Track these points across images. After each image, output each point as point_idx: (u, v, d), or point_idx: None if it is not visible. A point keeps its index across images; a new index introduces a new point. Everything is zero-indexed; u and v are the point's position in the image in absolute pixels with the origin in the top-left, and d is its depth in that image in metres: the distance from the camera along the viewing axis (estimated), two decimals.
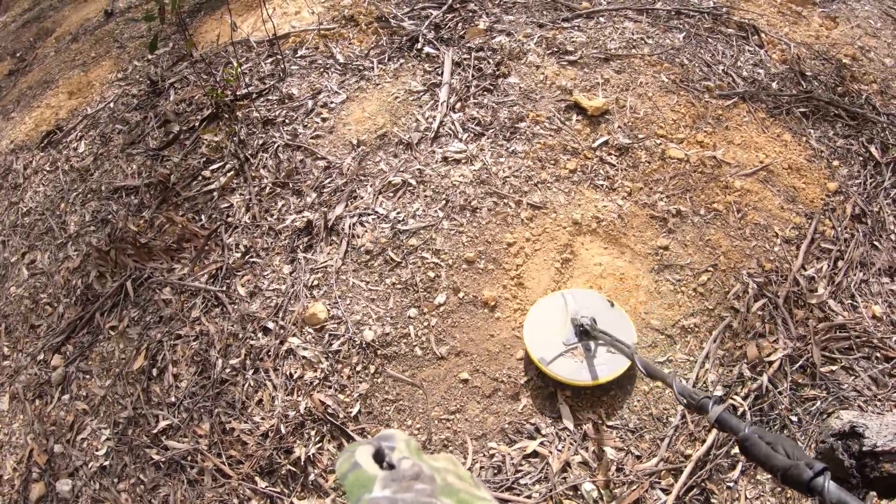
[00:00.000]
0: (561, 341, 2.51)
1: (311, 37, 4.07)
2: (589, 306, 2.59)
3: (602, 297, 2.67)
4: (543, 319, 2.60)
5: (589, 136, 3.22)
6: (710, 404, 1.61)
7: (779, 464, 1.34)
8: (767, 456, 1.38)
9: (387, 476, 0.83)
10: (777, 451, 1.37)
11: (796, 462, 1.30)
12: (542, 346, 2.51)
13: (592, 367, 2.45)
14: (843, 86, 3.68)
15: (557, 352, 2.49)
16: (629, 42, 3.71)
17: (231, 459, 2.52)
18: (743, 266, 2.83)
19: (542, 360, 2.46)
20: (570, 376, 2.43)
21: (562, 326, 2.55)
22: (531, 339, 2.54)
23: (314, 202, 3.13)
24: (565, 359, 2.47)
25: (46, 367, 3.11)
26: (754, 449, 1.42)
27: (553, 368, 2.45)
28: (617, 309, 2.62)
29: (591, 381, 2.43)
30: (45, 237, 3.69)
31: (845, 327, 2.68)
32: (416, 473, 0.83)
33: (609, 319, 2.53)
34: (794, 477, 1.28)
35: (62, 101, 4.64)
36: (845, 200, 3.11)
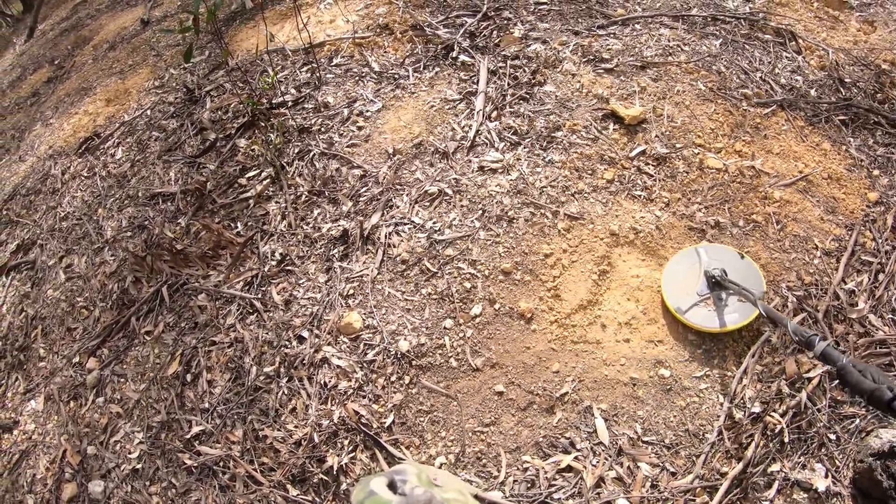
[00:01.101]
0: (695, 292, 2.71)
1: (346, 45, 4.09)
2: (720, 259, 2.78)
3: (733, 250, 2.81)
4: (679, 272, 2.80)
5: (626, 145, 3.19)
6: (816, 340, 1.92)
7: (866, 387, 1.61)
8: (858, 381, 1.65)
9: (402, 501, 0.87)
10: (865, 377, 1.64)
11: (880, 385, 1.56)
12: (678, 296, 2.72)
13: (722, 315, 2.64)
14: (883, 92, 3.61)
15: (692, 301, 2.69)
16: (665, 49, 3.68)
17: (263, 466, 2.53)
18: (782, 279, 2.78)
19: (679, 309, 2.67)
20: (703, 324, 2.63)
21: (696, 278, 2.74)
22: (669, 290, 2.75)
23: (350, 211, 3.14)
24: (699, 308, 2.67)
25: (82, 369, 3.16)
26: (849, 376, 1.69)
27: (688, 317, 2.65)
28: (747, 260, 2.76)
29: (722, 328, 2.61)
30: (83, 242, 3.74)
31: (885, 343, 2.62)
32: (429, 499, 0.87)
33: (739, 270, 2.72)
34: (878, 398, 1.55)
35: (100, 107, 4.71)
36: (886, 211, 3.05)
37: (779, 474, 2.30)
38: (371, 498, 0.87)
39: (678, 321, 2.67)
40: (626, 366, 2.55)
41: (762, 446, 2.35)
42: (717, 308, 2.66)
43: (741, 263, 2.74)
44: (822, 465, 2.32)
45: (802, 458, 2.34)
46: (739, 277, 2.66)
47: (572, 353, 2.59)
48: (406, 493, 0.90)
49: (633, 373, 2.54)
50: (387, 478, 0.94)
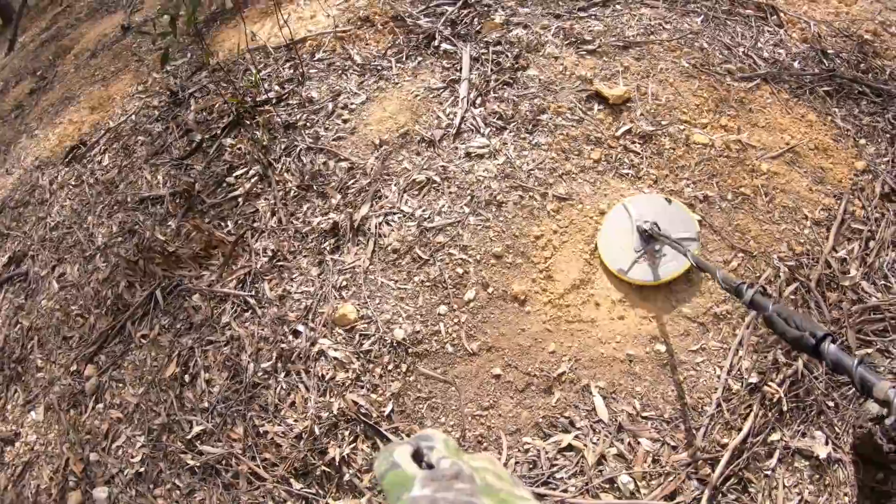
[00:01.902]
0: (632, 248, 2.73)
1: (328, 40, 4.08)
2: (649, 209, 2.80)
3: (659, 196, 2.86)
4: (613, 232, 2.82)
5: (612, 124, 3.19)
6: (744, 288, 1.85)
7: (791, 335, 1.56)
8: (784, 329, 1.60)
9: (426, 475, 0.81)
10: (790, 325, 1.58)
11: (803, 332, 1.52)
12: (617, 257, 2.74)
13: (660, 266, 2.69)
14: (866, 62, 3.61)
15: (631, 259, 2.71)
16: (647, 28, 3.68)
17: (266, 462, 2.53)
18: (773, 250, 2.79)
19: (621, 270, 2.70)
20: (645, 278, 2.67)
21: (630, 235, 2.77)
22: (607, 253, 2.77)
23: (339, 203, 3.14)
24: (639, 264, 2.70)
25: (80, 377, 3.15)
26: (775, 324, 1.64)
27: (631, 276, 2.67)
28: (675, 204, 2.81)
29: (660, 280, 2.66)
30: (74, 250, 3.73)
31: (879, 309, 2.63)
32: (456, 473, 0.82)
33: (670, 216, 2.77)
34: (804, 345, 1.51)
35: (84, 116, 4.69)
36: (874, 179, 3.06)
37: (779, 443, 2.31)
38: (394, 471, 0.83)
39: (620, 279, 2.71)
40: (622, 343, 2.56)
41: (761, 416, 2.36)
42: (655, 261, 2.70)
43: (670, 208, 2.80)
44: (823, 433, 2.33)
45: (802, 426, 2.35)
46: (671, 222, 2.73)
47: (567, 333, 2.60)
48: (433, 463, 0.86)
49: (629, 349, 2.54)
50: (412, 446, 0.89)
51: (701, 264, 2.22)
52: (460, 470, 0.82)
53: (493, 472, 0.88)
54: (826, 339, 1.47)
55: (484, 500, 0.79)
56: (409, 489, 0.79)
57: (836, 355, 1.44)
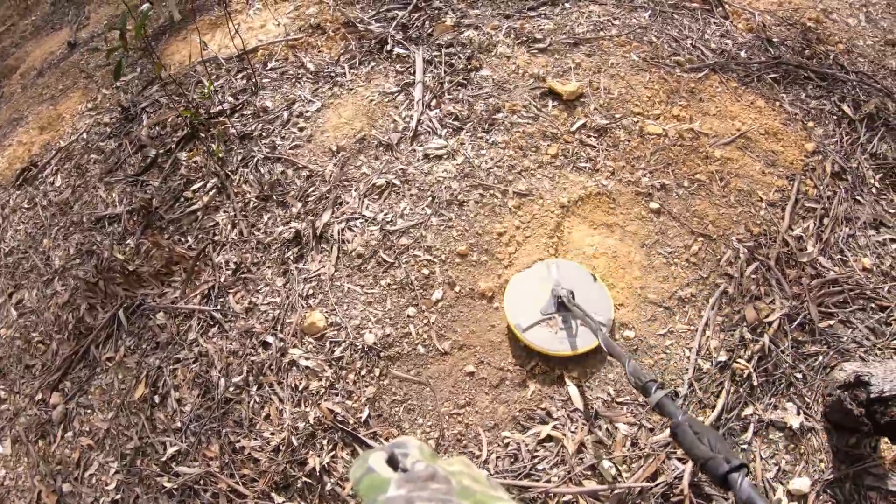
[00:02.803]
0: (539, 310, 2.58)
1: (280, 48, 4.05)
2: (571, 278, 2.66)
3: (586, 270, 2.72)
4: (526, 287, 2.67)
5: (567, 120, 3.23)
6: (653, 388, 1.67)
7: (700, 454, 1.36)
8: (692, 444, 1.40)
9: (401, 477, 0.83)
10: (702, 442, 1.39)
11: (715, 455, 1.32)
12: (520, 313, 2.58)
13: (567, 338, 2.52)
14: (810, 49, 3.73)
15: (534, 320, 2.55)
16: (596, 25, 3.74)
17: (245, 478, 2.49)
18: (732, 233, 2.86)
19: (518, 325, 2.54)
20: (543, 345, 2.50)
21: (543, 296, 2.61)
22: (511, 305, 2.61)
23: (300, 212, 3.12)
24: (541, 328, 2.54)
25: (46, 406, 3.06)
26: (683, 436, 1.45)
27: (528, 335, 2.52)
28: (599, 283, 2.68)
29: (563, 352, 2.49)
30: (31, 275, 3.63)
31: (838, 282, 2.72)
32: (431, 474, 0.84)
33: (589, 293, 2.61)
34: (712, 469, 1.31)
35: (34, 136, 4.58)
36: (824, 159, 3.15)
37: (753, 417, 2.37)
38: (369, 476, 0.85)
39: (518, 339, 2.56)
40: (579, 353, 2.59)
41: (733, 393, 2.42)
42: (560, 329, 2.55)
43: (592, 286, 2.66)
44: (793, 404, 2.41)
45: (773, 399, 2.42)
46: (588, 299, 2.58)
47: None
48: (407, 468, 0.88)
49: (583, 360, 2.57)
50: (386, 452, 0.91)
51: (612, 348, 1.99)
52: (435, 471, 0.84)
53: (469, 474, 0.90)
54: (741, 469, 1.27)
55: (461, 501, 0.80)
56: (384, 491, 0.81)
57: (749, 494, 1.23)
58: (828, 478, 2.25)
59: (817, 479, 2.24)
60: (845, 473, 2.25)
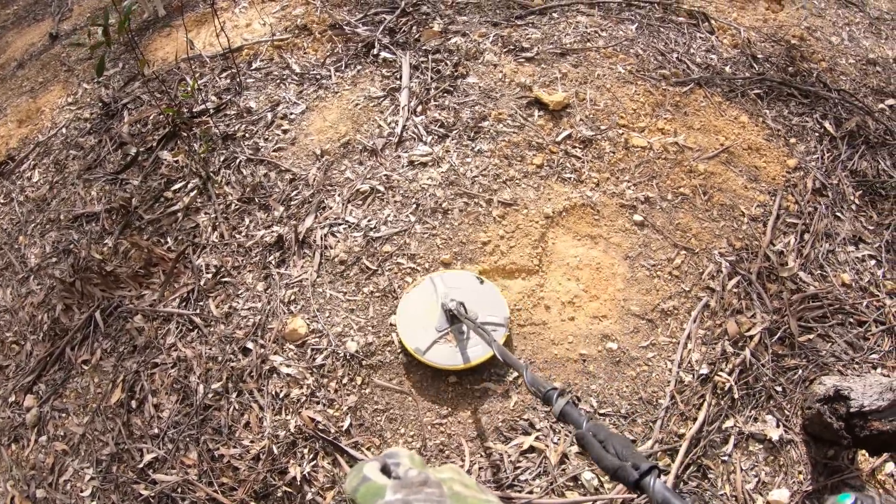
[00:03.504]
0: (434, 327, 2.56)
1: (265, 48, 4.01)
2: (458, 287, 2.64)
3: (470, 274, 2.72)
4: (416, 308, 2.63)
5: (552, 130, 3.24)
6: (554, 396, 1.61)
7: (608, 463, 1.33)
8: (600, 455, 1.36)
9: (397, 483, 0.87)
10: (608, 451, 1.35)
11: (623, 463, 1.29)
12: (417, 335, 2.55)
13: (466, 350, 2.49)
14: (794, 66, 3.77)
15: (432, 339, 2.53)
16: (584, 36, 3.75)
17: (224, 487, 2.45)
18: (714, 246, 2.88)
19: (418, 350, 2.50)
20: (446, 362, 2.48)
21: (434, 312, 2.59)
22: (405, 330, 2.57)
23: (282, 216, 3.09)
24: (440, 345, 2.52)
25: (19, 408, 2.99)
26: (589, 446, 1.40)
27: (429, 357, 2.49)
28: (487, 285, 2.67)
29: (463, 365, 2.47)
30: (6, 273, 3.56)
31: (818, 297, 2.76)
32: (424, 479, 0.88)
33: (479, 297, 2.60)
34: (623, 477, 1.28)
35: (11, 129, 4.49)
36: (805, 175, 3.19)
37: (733, 429, 2.40)
38: (365, 484, 0.88)
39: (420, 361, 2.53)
40: (574, 343, 2.60)
41: (714, 405, 2.44)
42: (458, 343, 2.51)
43: (481, 288, 2.65)
44: (773, 416, 2.44)
45: (753, 411, 2.45)
46: (481, 303, 2.57)
47: (520, 337, 2.62)
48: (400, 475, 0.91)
49: (581, 349, 2.58)
50: (379, 462, 0.95)
51: (506, 358, 1.92)
52: (428, 477, 0.88)
53: (460, 481, 0.95)
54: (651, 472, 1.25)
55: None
56: (381, 496, 0.85)
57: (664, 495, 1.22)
58: (806, 489, 2.28)
59: (796, 491, 2.28)
60: (823, 485, 2.29)
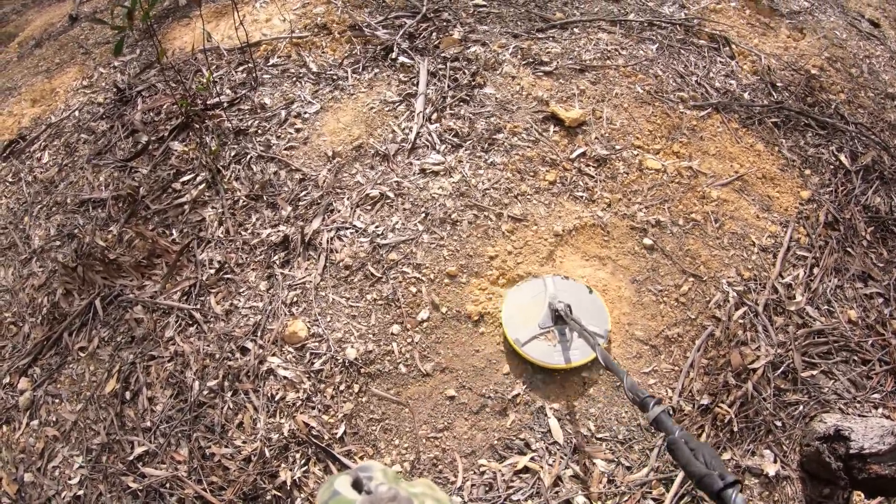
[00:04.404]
0: (537, 324, 2.60)
1: (283, 45, 4.00)
2: (568, 292, 2.68)
3: (582, 284, 2.74)
4: (522, 302, 2.68)
5: (567, 147, 3.21)
6: (651, 403, 1.73)
7: (696, 470, 1.43)
8: (688, 461, 1.47)
9: (365, 500, 0.87)
10: (697, 458, 1.46)
11: (710, 472, 1.39)
12: (519, 328, 2.59)
13: (566, 350, 2.54)
14: (813, 96, 3.74)
15: (532, 334, 2.56)
16: (604, 53, 3.72)
17: (213, 486, 2.44)
18: (723, 275, 2.85)
19: (517, 340, 2.54)
20: (541, 358, 2.52)
21: (539, 310, 2.62)
22: (509, 320, 2.62)
23: (290, 216, 3.07)
24: (539, 341, 2.55)
25: (13, 390, 2.98)
26: (678, 452, 1.51)
27: (527, 349, 2.54)
28: (595, 296, 2.70)
29: (562, 365, 2.50)
30: (8, 252, 3.54)
31: (823, 332, 2.74)
32: (394, 496, 0.87)
33: (586, 306, 2.64)
34: (707, 485, 1.37)
35: (25, 108, 4.48)
36: (818, 208, 3.16)
37: (730, 462, 2.38)
38: (335, 498, 0.88)
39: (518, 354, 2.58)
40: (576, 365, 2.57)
41: (713, 436, 2.43)
42: (560, 342, 2.57)
43: (589, 298, 2.70)
44: (771, 451, 2.42)
45: (752, 445, 2.43)
46: (585, 312, 2.61)
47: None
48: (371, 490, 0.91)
49: (582, 372, 2.56)
50: (351, 476, 0.95)
51: (609, 364, 2.05)
52: (397, 494, 0.88)
53: (432, 496, 0.94)
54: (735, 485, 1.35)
55: None
56: None
57: None
58: None
59: None
60: None
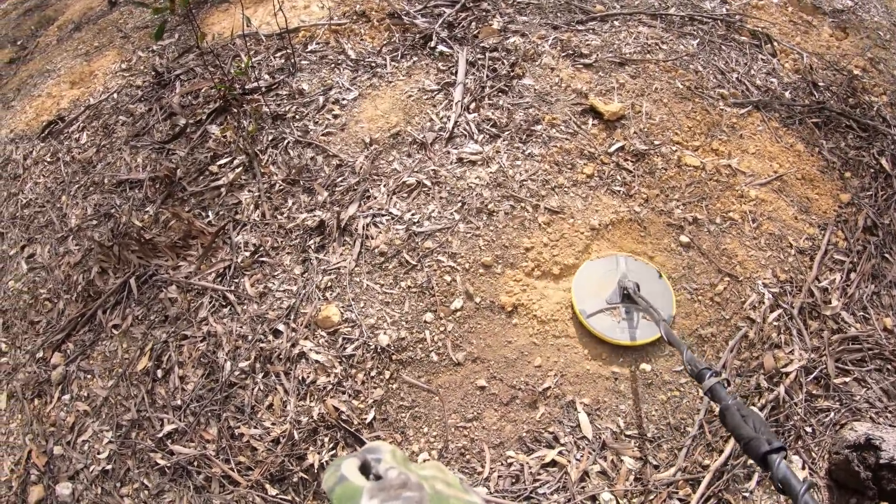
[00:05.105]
0: (604, 299, 2.68)
1: (322, 32, 4.01)
2: (638, 273, 2.74)
3: (652, 267, 2.78)
4: (593, 276, 2.76)
5: (605, 140, 3.19)
6: (707, 374, 1.83)
7: (744, 433, 1.50)
8: (738, 425, 1.54)
9: (374, 486, 0.84)
10: (747, 423, 1.53)
11: (758, 435, 1.46)
12: (586, 300, 2.68)
13: (630, 328, 2.60)
14: (855, 97, 3.68)
15: (598, 307, 2.66)
16: (644, 47, 3.69)
17: (240, 466, 2.46)
18: (759, 276, 2.81)
19: (583, 311, 2.63)
20: (605, 332, 2.59)
21: (609, 286, 2.71)
22: (578, 292, 2.68)
23: (326, 201, 3.08)
24: (605, 315, 2.63)
25: (46, 365, 3.03)
26: (730, 418, 1.58)
27: (591, 322, 2.61)
28: (664, 281, 2.73)
29: (626, 341, 2.58)
30: (46, 230, 3.60)
31: (858, 339, 2.69)
32: (404, 482, 0.85)
33: (653, 289, 2.68)
34: (754, 448, 1.45)
35: (64, 90, 4.55)
36: (857, 212, 3.11)
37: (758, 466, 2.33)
38: (342, 484, 0.85)
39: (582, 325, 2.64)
40: (608, 360, 2.55)
41: None
42: (623, 320, 2.64)
43: (658, 283, 2.73)
44: (800, 457, 2.38)
45: None
46: (652, 294, 2.65)
47: (554, 348, 2.58)
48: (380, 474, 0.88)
49: (614, 367, 2.54)
50: (359, 459, 0.91)
51: (671, 338, 2.15)
52: (407, 479, 0.85)
53: (442, 479, 0.91)
54: (780, 451, 1.42)
55: None
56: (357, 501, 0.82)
57: (786, 474, 1.39)
58: None
59: None
60: None
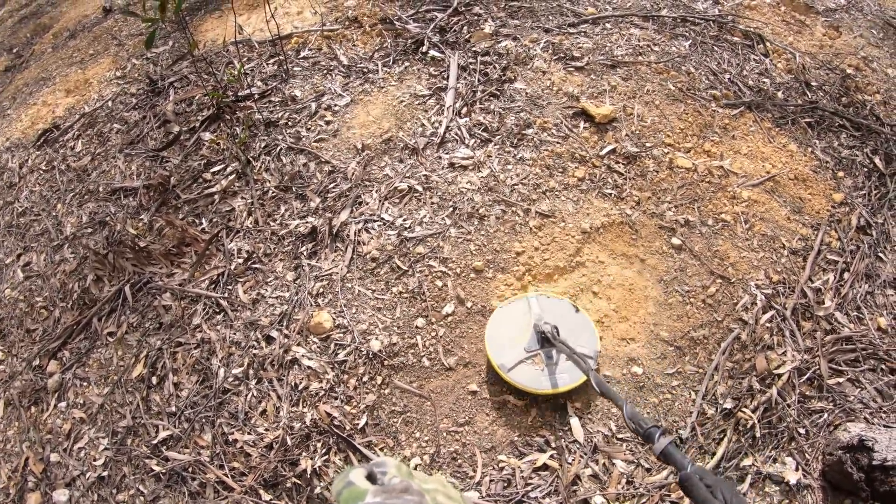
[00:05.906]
0: (523, 347, 2.51)
1: (314, 38, 4.02)
2: (553, 312, 2.59)
3: (568, 302, 2.66)
4: (507, 324, 2.58)
5: (596, 143, 3.19)
6: (656, 435, 1.55)
7: None
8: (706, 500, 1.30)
9: (377, 489, 0.90)
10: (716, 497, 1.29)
11: None
12: (504, 352, 2.49)
13: (553, 374, 2.43)
14: (848, 96, 3.68)
15: (518, 358, 2.47)
16: (635, 49, 3.69)
17: (234, 471, 2.47)
18: (751, 277, 2.81)
19: (503, 366, 2.45)
20: (529, 384, 2.42)
21: (524, 332, 2.54)
22: (493, 344, 2.52)
23: (318, 207, 3.09)
24: (526, 365, 2.46)
25: (42, 372, 3.04)
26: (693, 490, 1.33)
27: (513, 375, 2.44)
28: (582, 314, 2.61)
29: (549, 390, 2.40)
30: (41, 238, 3.62)
31: (851, 339, 2.68)
32: (406, 487, 0.90)
33: (573, 326, 2.54)
34: None
35: (59, 98, 4.56)
36: (850, 212, 3.11)
37: (751, 468, 2.34)
38: (348, 489, 0.91)
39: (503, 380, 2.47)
40: (600, 364, 2.55)
41: (734, 441, 2.39)
42: (547, 366, 2.46)
43: (575, 317, 2.59)
44: (793, 459, 2.37)
45: (774, 452, 2.38)
46: (572, 332, 2.51)
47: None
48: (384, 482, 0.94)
49: (605, 370, 2.54)
50: (366, 469, 0.97)
51: (604, 390, 1.86)
52: (409, 485, 0.90)
53: (444, 493, 0.97)
54: None
55: None
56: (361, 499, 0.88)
57: None
58: None
59: None
60: None
